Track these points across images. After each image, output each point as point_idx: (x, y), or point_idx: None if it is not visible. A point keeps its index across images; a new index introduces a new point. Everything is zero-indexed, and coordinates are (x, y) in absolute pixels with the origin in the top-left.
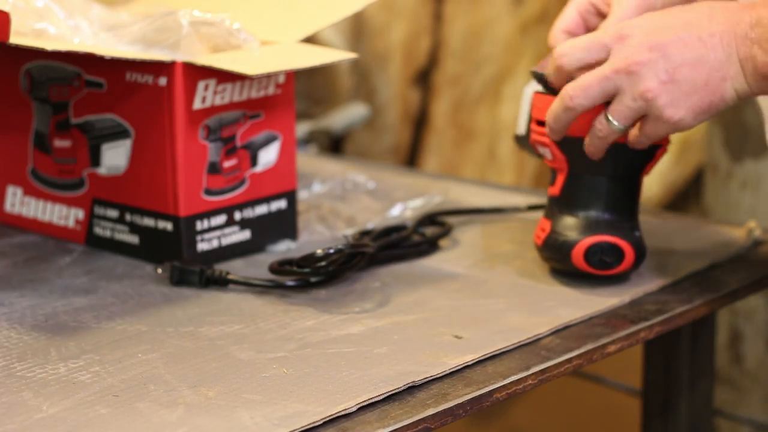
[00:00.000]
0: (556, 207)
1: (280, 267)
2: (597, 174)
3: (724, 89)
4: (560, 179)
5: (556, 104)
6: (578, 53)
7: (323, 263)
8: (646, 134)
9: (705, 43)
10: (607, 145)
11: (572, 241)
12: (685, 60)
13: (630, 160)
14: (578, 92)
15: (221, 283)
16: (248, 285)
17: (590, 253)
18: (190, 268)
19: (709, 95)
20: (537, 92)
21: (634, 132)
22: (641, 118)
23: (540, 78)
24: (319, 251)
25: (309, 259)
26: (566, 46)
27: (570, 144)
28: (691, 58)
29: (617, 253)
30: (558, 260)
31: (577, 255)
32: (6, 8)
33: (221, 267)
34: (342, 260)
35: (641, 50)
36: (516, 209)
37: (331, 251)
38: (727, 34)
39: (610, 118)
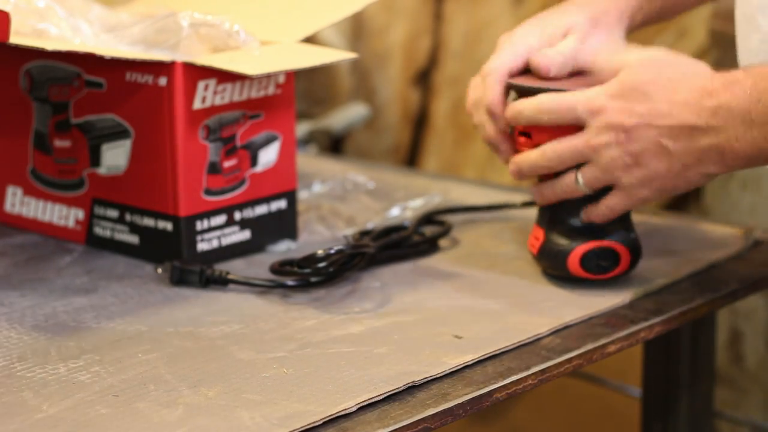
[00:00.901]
0: (548, 215)
1: (281, 267)
2: None
3: (688, 176)
4: None
5: (534, 157)
6: (555, 116)
7: (324, 263)
8: (609, 206)
9: (664, 133)
10: (565, 198)
11: (567, 249)
12: (646, 147)
13: None
14: (554, 158)
15: (221, 282)
16: (248, 285)
17: (586, 259)
18: (190, 268)
19: (671, 180)
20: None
21: (595, 209)
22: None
23: (517, 90)
24: (320, 252)
25: (310, 260)
26: (548, 102)
27: None
28: (652, 146)
29: (613, 257)
30: (554, 268)
31: (573, 262)
32: (7, 8)
33: (221, 267)
34: (342, 260)
35: (609, 131)
36: (512, 206)
37: (332, 251)
38: (687, 127)
39: (580, 179)
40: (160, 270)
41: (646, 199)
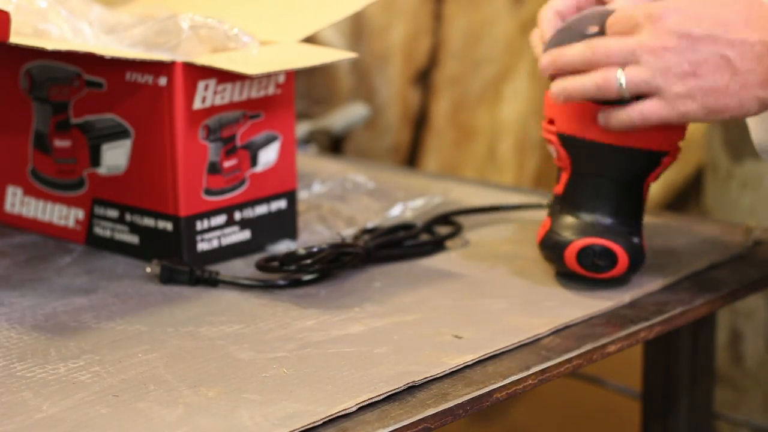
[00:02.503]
0: (558, 206)
1: (266, 264)
2: (599, 176)
3: (743, 97)
4: (564, 178)
5: (579, 48)
6: (615, 26)
7: (307, 261)
8: (642, 112)
9: (734, 46)
10: (592, 99)
11: (566, 241)
12: (709, 58)
13: (635, 165)
14: (602, 52)
15: (210, 282)
16: (237, 285)
17: (582, 254)
18: (180, 268)
19: (725, 98)
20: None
21: (623, 112)
22: (647, 96)
23: None
24: (301, 249)
25: (291, 257)
26: (612, 18)
27: (574, 144)
28: (716, 58)
29: (610, 258)
30: (552, 259)
31: (570, 255)
32: (9, 8)
33: (221, 267)
34: (329, 259)
35: (671, 36)
36: (536, 206)
37: (314, 249)
38: (759, 43)
39: (622, 78)
40: (149, 269)
41: (689, 114)
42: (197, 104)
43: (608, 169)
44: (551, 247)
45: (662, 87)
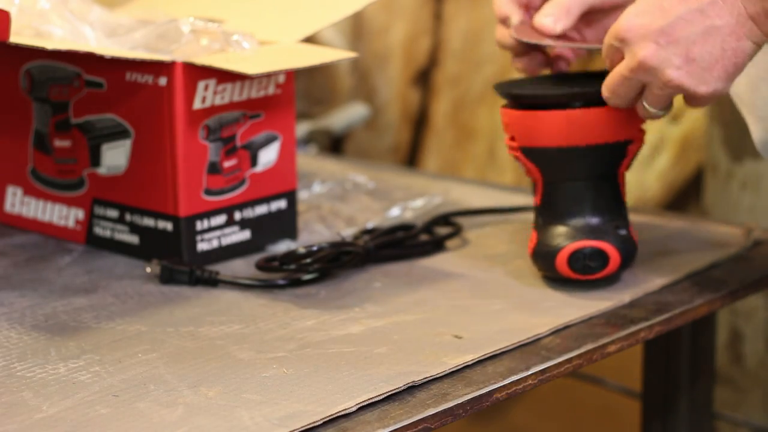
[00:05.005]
0: (540, 217)
1: (267, 264)
2: (571, 180)
3: (744, 48)
4: (539, 189)
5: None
6: (617, 88)
7: (307, 260)
8: (692, 106)
9: (707, 14)
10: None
11: (554, 249)
12: (693, 38)
13: (601, 161)
14: (609, 95)
15: (210, 282)
16: (237, 285)
17: (573, 259)
18: (180, 268)
19: (732, 59)
20: (503, 107)
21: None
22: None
23: (503, 91)
24: (301, 248)
25: (291, 256)
26: (606, 89)
27: (540, 155)
28: (699, 33)
29: (601, 257)
30: (545, 268)
31: (561, 263)
32: (12, 9)
33: (221, 267)
34: (329, 258)
35: (648, 44)
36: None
37: (314, 248)
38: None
39: (647, 106)
40: (149, 269)
41: (716, 92)
42: (197, 104)
43: (577, 171)
44: (542, 258)
45: (676, 91)
